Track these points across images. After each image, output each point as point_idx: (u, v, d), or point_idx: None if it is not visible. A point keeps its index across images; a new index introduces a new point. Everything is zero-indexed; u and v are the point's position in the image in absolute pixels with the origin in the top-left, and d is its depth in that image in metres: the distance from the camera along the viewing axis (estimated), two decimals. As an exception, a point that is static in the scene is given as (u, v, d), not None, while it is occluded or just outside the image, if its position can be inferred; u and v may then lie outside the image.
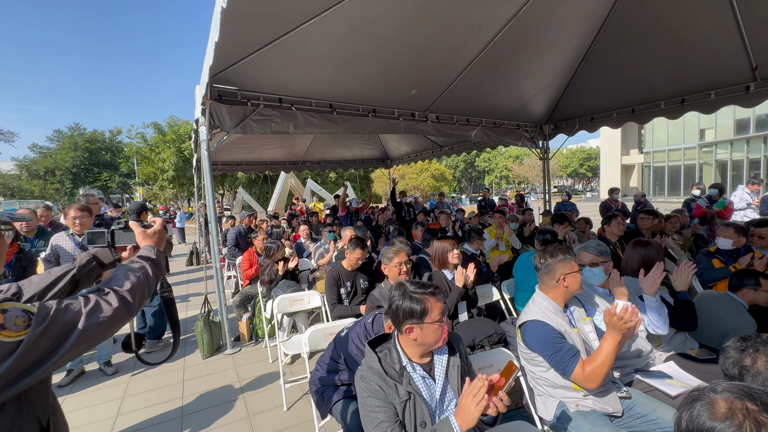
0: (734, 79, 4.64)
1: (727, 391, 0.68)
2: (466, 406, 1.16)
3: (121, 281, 0.99)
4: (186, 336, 4.44)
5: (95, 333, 0.86)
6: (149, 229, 1.25)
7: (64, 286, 1.12)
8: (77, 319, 0.83)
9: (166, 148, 23.78)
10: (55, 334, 0.79)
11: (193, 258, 9.28)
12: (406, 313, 1.36)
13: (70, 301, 0.86)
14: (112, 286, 0.96)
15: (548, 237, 3.33)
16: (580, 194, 41.41)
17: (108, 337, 0.93)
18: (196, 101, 3.76)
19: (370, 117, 5.11)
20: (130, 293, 0.97)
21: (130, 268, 1.05)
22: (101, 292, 0.93)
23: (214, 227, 3.84)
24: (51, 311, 0.80)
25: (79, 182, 34.12)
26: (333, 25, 3.23)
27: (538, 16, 3.89)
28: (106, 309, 0.89)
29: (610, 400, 1.74)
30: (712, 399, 0.68)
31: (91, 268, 1.21)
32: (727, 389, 0.68)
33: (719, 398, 0.67)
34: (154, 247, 1.19)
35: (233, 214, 15.85)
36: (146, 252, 1.16)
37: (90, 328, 0.84)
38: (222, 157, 8.67)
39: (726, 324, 2.29)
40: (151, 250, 1.17)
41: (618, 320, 1.55)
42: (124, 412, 2.91)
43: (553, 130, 7.21)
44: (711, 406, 0.67)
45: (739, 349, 0.96)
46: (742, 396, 0.66)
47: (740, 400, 0.65)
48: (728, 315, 2.32)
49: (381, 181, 27.00)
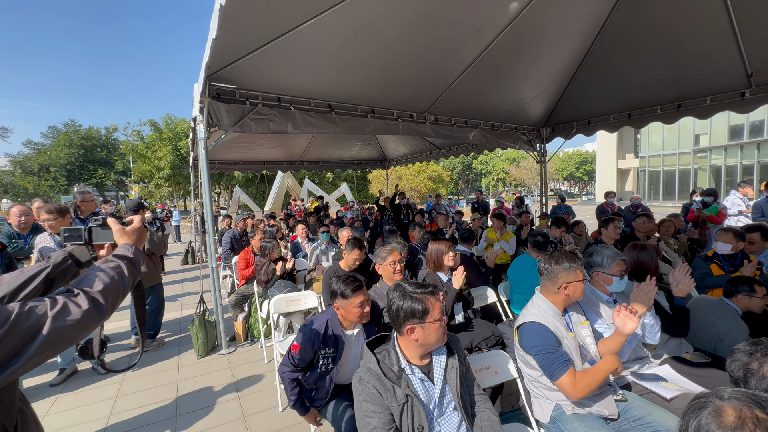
0: (730, 86, 4.69)
1: (735, 398, 0.67)
2: None
3: (92, 281, 0.94)
4: (181, 335, 4.41)
5: (63, 337, 0.81)
6: (128, 227, 1.19)
7: (37, 286, 1.05)
8: (42, 323, 0.78)
9: (162, 146, 23.70)
10: (17, 339, 0.75)
11: (189, 257, 9.22)
12: (407, 313, 1.36)
13: (35, 303, 0.81)
14: (83, 286, 0.91)
15: (540, 239, 3.34)
16: (576, 197, 41.69)
17: (78, 340, 0.88)
18: (194, 99, 3.75)
19: (369, 118, 5.11)
20: (102, 294, 0.92)
21: (103, 267, 0.99)
22: (70, 294, 0.88)
23: (210, 226, 3.82)
24: (12, 315, 0.75)
25: (73, 179, 33.87)
26: (333, 25, 3.23)
27: (537, 19, 3.90)
28: (75, 311, 0.84)
29: (606, 403, 1.75)
30: (719, 407, 0.66)
31: (67, 266, 1.14)
32: (734, 396, 0.67)
33: (727, 406, 0.66)
34: (132, 246, 1.14)
35: (230, 213, 15.79)
36: (123, 250, 1.10)
37: (56, 332, 0.79)
38: (219, 155, 8.64)
39: (719, 329, 2.31)
40: (128, 249, 1.11)
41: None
42: (117, 411, 2.88)
43: (551, 133, 7.25)
44: (719, 414, 0.65)
45: (748, 353, 0.96)
46: (751, 404, 0.65)
47: (749, 409, 0.64)
48: (722, 320, 2.33)
49: (378, 182, 27.03)
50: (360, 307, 1.93)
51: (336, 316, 2.01)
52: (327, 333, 1.94)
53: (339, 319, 1.99)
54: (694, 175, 25.81)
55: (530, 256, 3.33)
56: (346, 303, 1.93)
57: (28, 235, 3.70)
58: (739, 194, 5.95)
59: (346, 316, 1.96)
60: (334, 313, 2.02)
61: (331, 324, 1.98)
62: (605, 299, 2.12)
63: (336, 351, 1.95)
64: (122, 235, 1.17)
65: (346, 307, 1.93)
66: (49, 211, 3.15)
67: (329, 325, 1.97)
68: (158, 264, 4.19)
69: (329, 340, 1.94)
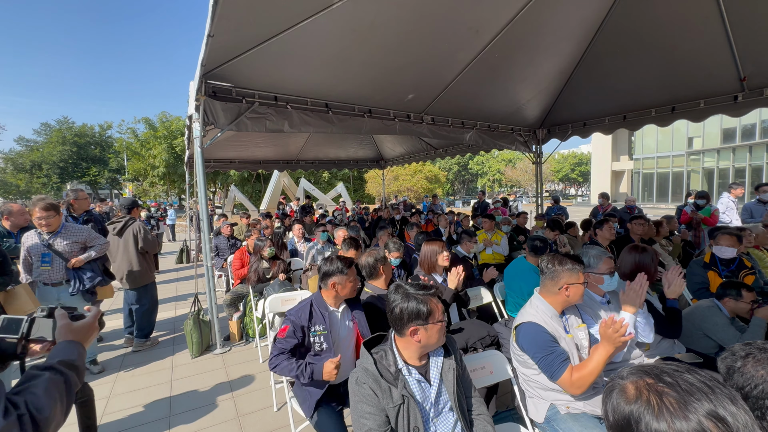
0: (723, 89, 4.74)
1: (631, 374, 0.76)
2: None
3: (39, 401, 0.81)
4: (175, 335, 4.38)
5: None
6: (77, 322, 1.03)
7: None
8: None
9: (157, 144, 23.50)
10: None
11: (183, 256, 9.16)
12: (411, 314, 1.35)
13: None
14: (30, 407, 0.79)
15: (538, 244, 3.27)
16: (572, 199, 41.94)
17: None
18: (190, 97, 3.72)
19: (366, 117, 5.10)
20: (46, 421, 0.81)
21: (50, 383, 0.85)
22: (21, 418, 0.77)
23: (206, 225, 3.79)
24: None
25: (66, 177, 33.50)
26: (331, 24, 3.23)
27: (534, 22, 3.93)
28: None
29: (600, 403, 1.76)
30: (622, 385, 0.75)
31: None
32: (630, 373, 0.76)
33: (627, 383, 0.74)
34: (77, 346, 0.98)
35: (225, 212, 15.71)
36: (68, 353, 0.95)
37: None
38: (215, 154, 8.59)
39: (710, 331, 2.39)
40: (73, 351, 0.96)
41: (613, 333, 1.55)
42: (109, 411, 2.85)
43: (547, 134, 7.29)
44: (623, 391, 0.74)
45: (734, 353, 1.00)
46: (641, 374, 0.74)
47: (641, 378, 0.73)
48: (714, 323, 2.39)
49: (374, 182, 27.02)
50: (353, 282, 2.12)
51: (320, 296, 2.13)
52: (313, 311, 2.06)
53: (323, 298, 2.12)
54: (687, 177, 26.09)
55: (526, 261, 3.31)
56: (344, 278, 2.07)
57: (18, 233, 3.65)
58: (731, 196, 6.03)
59: (341, 292, 2.10)
60: (317, 294, 2.14)
61: (316, 303, 2.09)
62: (599, 300, 2.14)
63: (326, 328, 2.04)
64: (68, 332, 1.00)
65: (344, 282, 2.08)
66: (46, 208, 3.11)
67: (314, 304, 2.09)
68: (152, 263, 4.16)
69: (317, 318, 2.04)
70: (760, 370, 0.92)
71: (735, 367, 0.96)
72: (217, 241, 6.10)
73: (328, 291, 2.11)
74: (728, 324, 2.37)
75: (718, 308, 2.47)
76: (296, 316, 2.01)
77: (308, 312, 2.03)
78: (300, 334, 1.98)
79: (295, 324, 1.97)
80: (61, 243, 3.20)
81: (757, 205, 5.55)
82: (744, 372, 0.94)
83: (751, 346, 0.99)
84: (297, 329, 1.97)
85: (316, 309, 2.07)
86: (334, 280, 2.09)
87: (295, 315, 2.02)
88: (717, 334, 2.36)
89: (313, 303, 2.09)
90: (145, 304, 3.97)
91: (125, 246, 3.89)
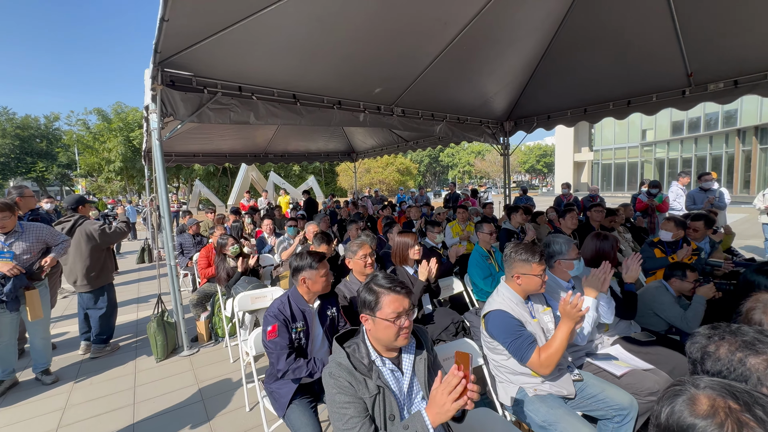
0: (673, 84, 5.05)
1: (710, 387, 0.66)
2: (442, 403, 1.10)
3: None
4: (137, 338, 4.16)
5: None
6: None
7: None
8: None
9: (112, 137, 22.00)
10: None
11: (145, 255, 8.70)
12: (361, 302, 1.40)
13: None
14: None
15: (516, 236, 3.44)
16: (536, 189, 43.63)
17: None
18: (146, 86, 3.48)
19: (335, 109, 5.01)
20: None
21: None
22: None
23: (167, 222, 3.60)
24: None
25: (8, 173, 30.72)
26: (297, 12, 3.11)
27: (499, 15, 3.98)
28: None
29: (565, 383, 1.85)
30: (693, 395, 0.66)
31: None
32: (709, 386, 0.67)
33: (701, 394, 0.66)
34: None
35: (189, 208, 15.02)
36: None
37: None
38: (177, 147, 8.15)
39: (658, 309, 2.60)
40: None
41: (572, 308, 1.65)
42: (66, 423, 2.67)
43: (513, 127, 7.50)
44: (693, 402, 0.65)
45: (707, 336, 0.98)
46: (725, 394, 0.65)
47: (723, 398, 0.64)
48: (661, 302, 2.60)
49: (346, 175, 26.77)
50: (325, 277, 2.10)
51: (296, 292, 2.10)
52: (292, 308, 2.03)
53: (300, 293, 2.10)
54: (641, 167, 27.76)
55: (481, 248, 3.49)
56: (314, 273, 2.06)
57: None
58: (679, 185, 6.50)
59: (312, 288, 2.07)
60: (294, 290, 2.12)
61: (294, 299, 2.07)
62: (565, 286, 2.24)
63: (305, 324, 2.02)
64: None
65: (314, 278, 2.06)
66: (2, 207, 2.84)
67: (291, 301, 2.06)
68: (110, 261, 3.88)
69: (296, 315, 2.02)
70: (737, 353, 0.91)
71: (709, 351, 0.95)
72: (182, 238, 5.82)
73: (300, 287, 2.09)
74: (674, 302, 2.58)
75: (665, 288, 2.68)
76: (280, 312, 1.97)
77: (288, 308, 2.01)
78: (287, 333, 1.95)
79: (280, 319, 1.94)
80: (21, 245, 2.96)
81: (699, 192, 6.02)
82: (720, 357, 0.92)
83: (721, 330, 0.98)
84: (283, 330, 1.93)
85: (294, 305, 2.04)
86: (305, 275, 2.07)
87: (277, 311, 1.98)
88: (664, 312, 2.56)
89: (290, 300, 2.06)
90: (102, 307, 3.72)
91: (77, 246, 3.61)
